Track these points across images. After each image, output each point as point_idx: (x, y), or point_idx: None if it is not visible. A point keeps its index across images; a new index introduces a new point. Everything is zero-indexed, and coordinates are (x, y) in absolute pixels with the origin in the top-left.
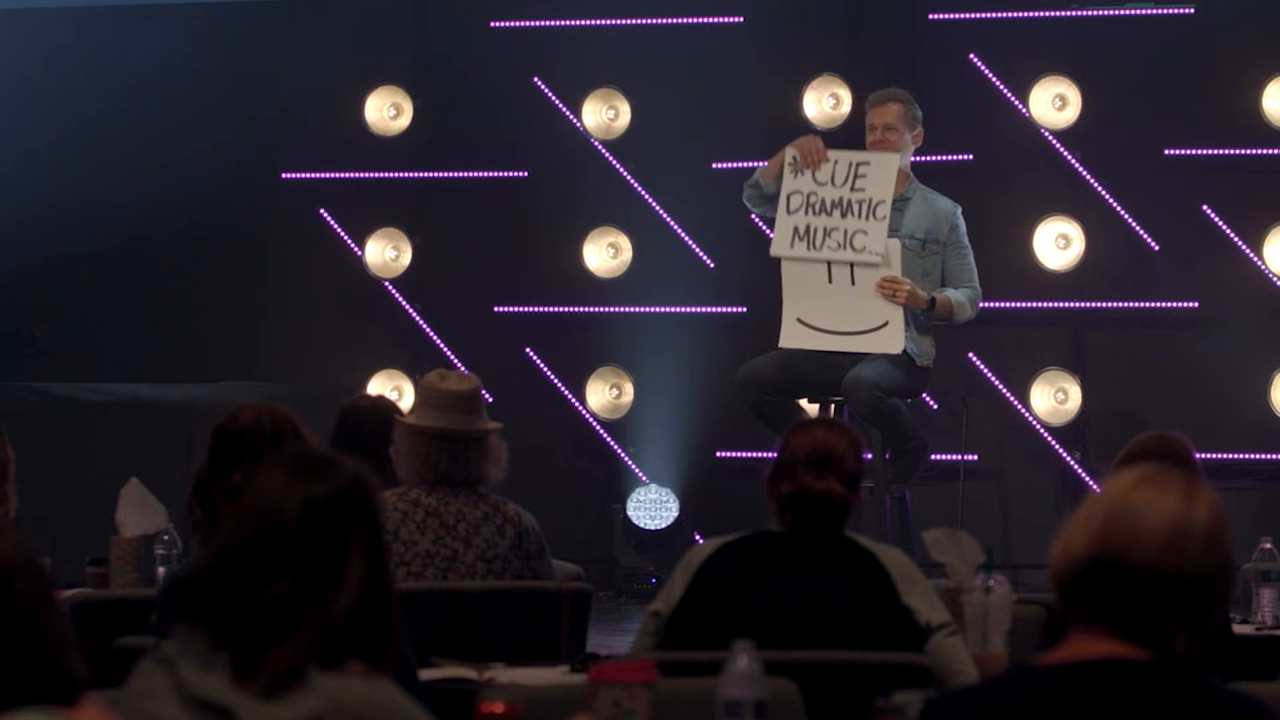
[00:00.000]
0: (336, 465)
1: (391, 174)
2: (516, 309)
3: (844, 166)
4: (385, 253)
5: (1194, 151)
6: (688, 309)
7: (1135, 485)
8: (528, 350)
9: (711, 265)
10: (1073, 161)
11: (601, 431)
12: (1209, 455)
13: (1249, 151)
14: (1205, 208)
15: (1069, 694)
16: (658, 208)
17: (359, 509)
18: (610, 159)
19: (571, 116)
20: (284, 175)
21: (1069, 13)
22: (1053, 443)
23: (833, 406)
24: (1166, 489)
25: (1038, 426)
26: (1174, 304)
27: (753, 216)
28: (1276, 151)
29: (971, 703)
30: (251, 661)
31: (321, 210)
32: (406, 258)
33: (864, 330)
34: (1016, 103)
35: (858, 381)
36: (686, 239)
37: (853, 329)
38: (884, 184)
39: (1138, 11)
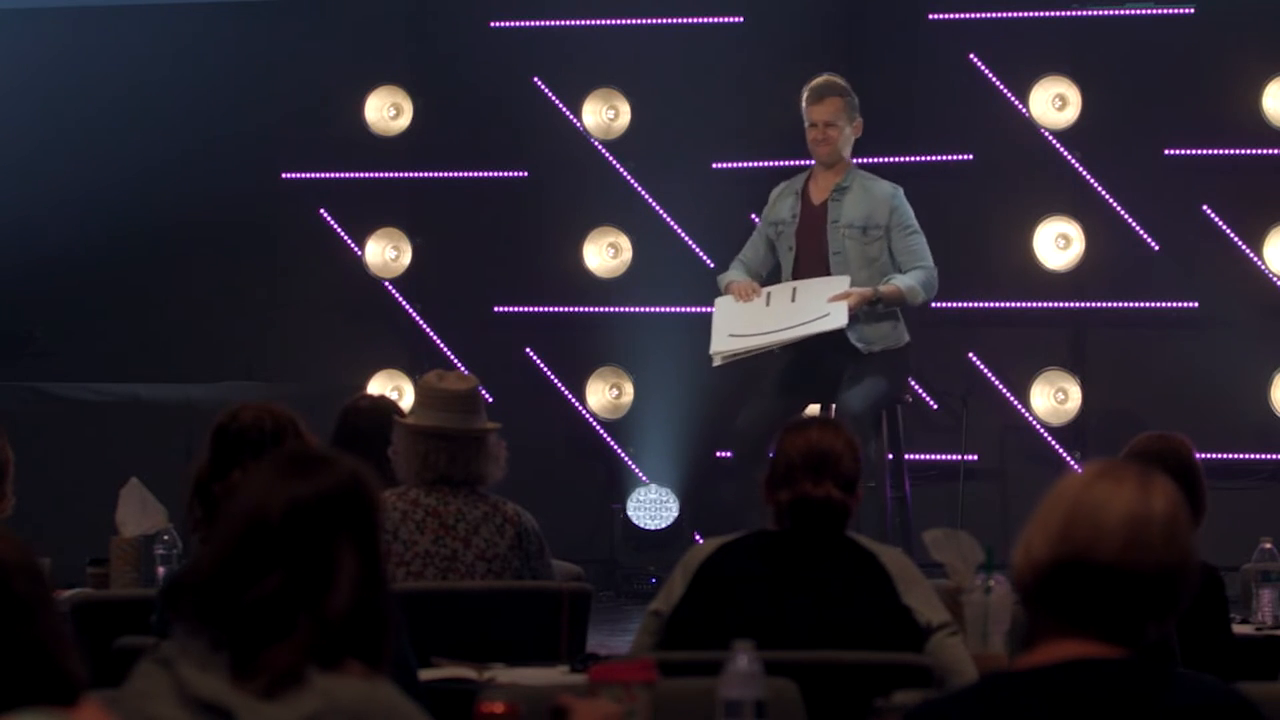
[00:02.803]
0: (329, 464)
1: (391, 174)
2: (516, 309)
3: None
4: (385, 253)
5: (1194, 151)
6: (688, 309)
7: (1090, 482)
8: (528, 350)
9: (712, 265)
10: (1073, 161)
11: (601, 431)
12: (1209, 455)
13: (1249, 151)
14: (1205, 208)
15: (1045, 697)
16: (658, 208)
17: (350, 508)
18: (610, 159)
19: (571, 116)
20: (284, 175)
21: (1069, 13)
22: (1053, 443)
23: (834, 407)
24: (1121, 483)
25: (1038, 426)
26: (1174, 304)
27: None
28: (1276, 151)
29: (951, 711)
30: (250, 662)
31: (321, 210)
32: (406, 258)
33: (803, 321)
34: (1016, 103)
35: (843, 416)
36: (686, 239)
37: (791, 324)
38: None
39: (1138, 11)
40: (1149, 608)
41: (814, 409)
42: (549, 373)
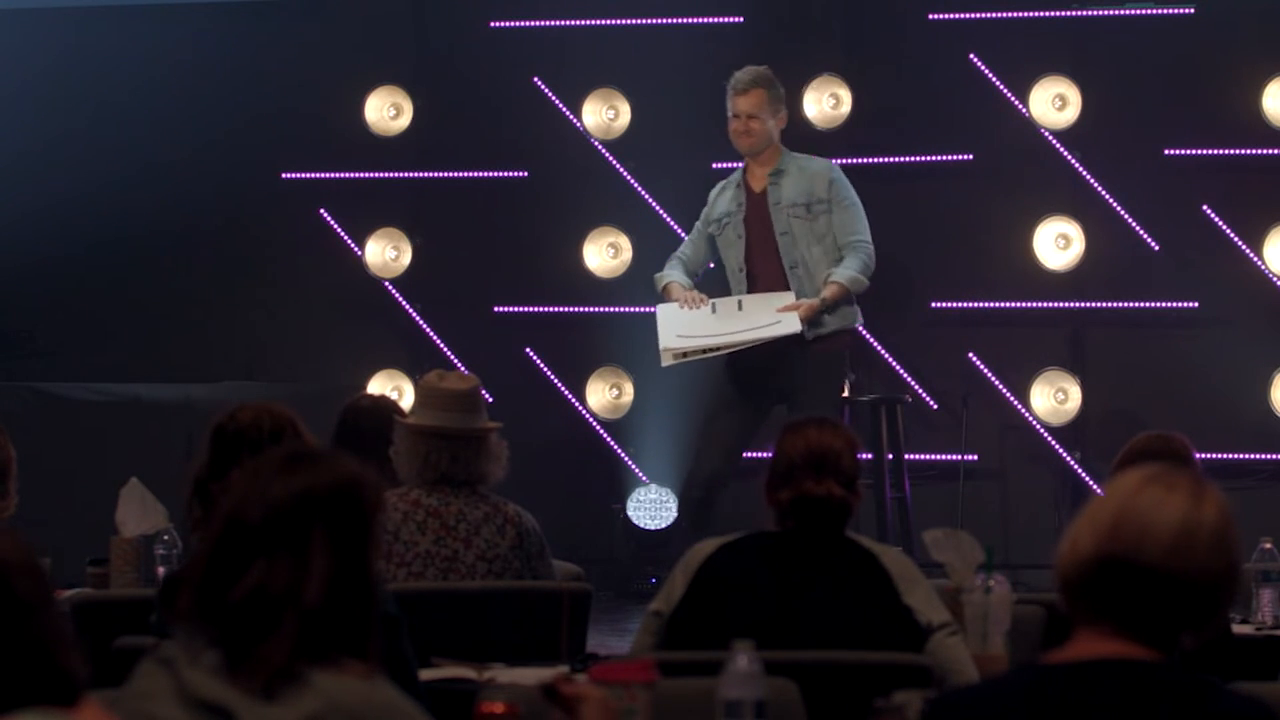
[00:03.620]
0: (322, 462)
1: (391, 174)
2: (516, 309)
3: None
4: (385, 253)
5: (1194, 151)
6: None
7: (1143, 485)
8: (528, 350)
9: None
10: (1073, 161)
11: (601, 431)
12: (1209, 455)
13: (1249, 151)
14: (1205, 208)
15: (1076, 693)
16: (658, 208)
17: (333, 505)
18: (610, 159)
19: (571, 116)
20: (284, 175)
21: (1069, 13)
22: (1053, 443)
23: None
24: (1174, 489)
25: (1038, 426)
26: (1174, 304)
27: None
28: (1276, 151)
29: (978, 701)
30: (243, 659)
31: (321, 210)
32: (406, 258)
33: (757, 326)
34: (1016, 103)
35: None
36: (686, 239)
37: (744, 328)
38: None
39: (1138, 11)
40: (1188, 615)
41: None
42: (549, 373)
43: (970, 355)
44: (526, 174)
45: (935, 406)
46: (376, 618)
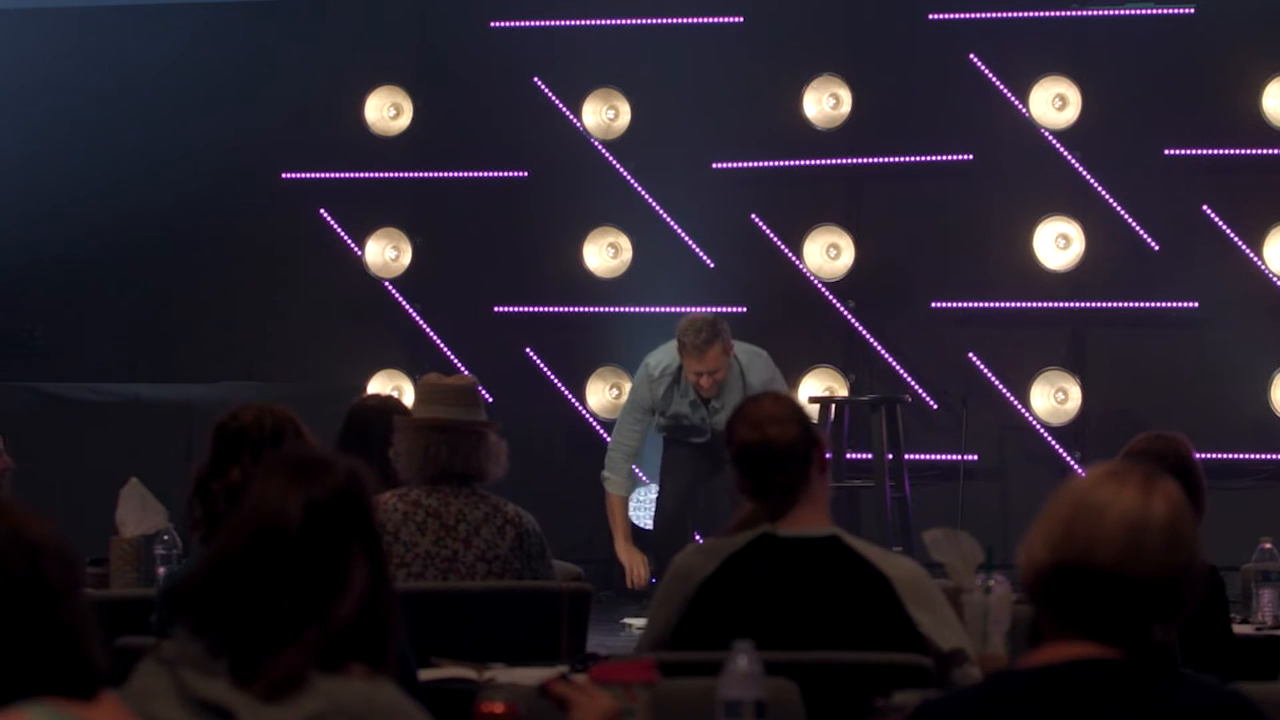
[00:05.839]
0: (331, 465)
1: (391, 174)
2: (516, 309)
3: None
4: (385, 253)
5: (1194, 151)
6: (688, 309)
7: (1093, 486)
8: (528, 350)
9: (711, 265)
10: (1073, 161)
11: (602, 431)
12: (1209, 455)
13: (1249, 151)
14: (1205, 208)
15: (1047, 697)
16: (658, 208)
17: (357, 509)
18: (610, 159)
19: (571, 116)
20: (284, 175)
21: (1069, 13)
22: (1053, 443)
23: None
24: (1124, 486)
25: (1038, 426)
26: (1174, 304)
27: (752, 216)
28: (1276, 151)
29: (953, 709)
30: (252, 667)
31: (321, 210)
32: (406, 258)
33: None
34: (1016, 103)
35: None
36: (686, 239)
37: None
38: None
39: (1138, 11)
40: (1151, 611)
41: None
42: (549, 373)
43: (970, 355)
44: (526, 174)
45: (935, 406)
46: (397, 623)
